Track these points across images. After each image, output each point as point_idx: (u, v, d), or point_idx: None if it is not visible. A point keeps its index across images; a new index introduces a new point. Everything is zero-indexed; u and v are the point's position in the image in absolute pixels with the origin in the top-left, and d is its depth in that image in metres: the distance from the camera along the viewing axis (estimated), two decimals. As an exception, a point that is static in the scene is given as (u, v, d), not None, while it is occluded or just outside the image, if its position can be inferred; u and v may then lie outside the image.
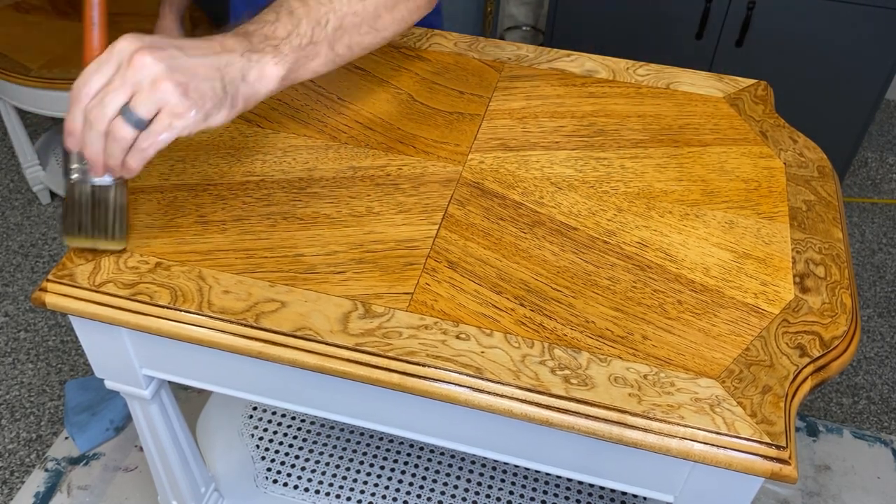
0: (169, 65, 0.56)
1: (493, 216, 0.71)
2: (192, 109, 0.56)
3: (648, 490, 0.64)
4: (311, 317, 0.61)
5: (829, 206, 0.74)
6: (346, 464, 1.07)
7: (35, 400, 1.37)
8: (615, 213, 0.72)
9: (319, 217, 0.70)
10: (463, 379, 0.58)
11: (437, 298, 0.63)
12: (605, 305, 0.64)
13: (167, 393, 0.79)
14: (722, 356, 0.60)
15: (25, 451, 1.28)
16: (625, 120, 0.83)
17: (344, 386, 0.62)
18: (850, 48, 1.54)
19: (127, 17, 1.71)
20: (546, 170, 0.76)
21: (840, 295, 0.66)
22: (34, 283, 1.63)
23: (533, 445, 0.64)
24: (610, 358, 0.60)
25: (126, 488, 1.14)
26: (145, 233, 0.68)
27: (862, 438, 1.29)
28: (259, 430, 1.12)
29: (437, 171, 0.76)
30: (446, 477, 1.06)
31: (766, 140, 0.82)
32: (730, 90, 0.88)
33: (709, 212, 0.73)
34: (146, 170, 0.74)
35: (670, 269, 0.67)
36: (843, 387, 1.52)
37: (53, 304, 0.63)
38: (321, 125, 0.80)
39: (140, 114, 0.56)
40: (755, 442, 0.55)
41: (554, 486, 1.06)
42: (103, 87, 0.56)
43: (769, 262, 0.68)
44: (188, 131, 0.57)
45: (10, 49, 1.57)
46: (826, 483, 1.22)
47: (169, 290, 0.63)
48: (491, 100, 0.85)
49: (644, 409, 0.56)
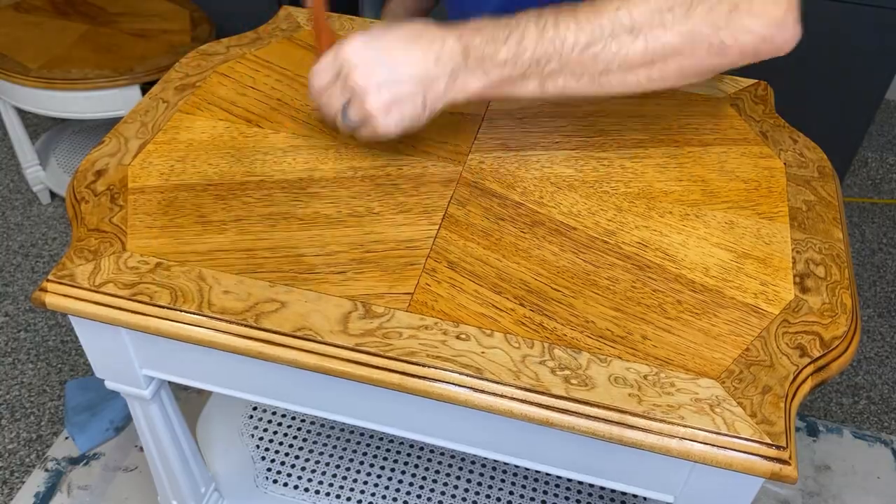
0: (378, 87, 0.65)
1: (492, 216, 0.71)
2: (391, 126, 0.66)
3: (648, 490, 0.64)
4: (311, 317, 0.61)
5: (829, 207, 0.74)
6: (346, 464, 1.07)
7: (35, 400, 1.37)
8: (615, 213, 0.72)
9: (319, 217, 0.70)
10: (463, 379, 0.58)
11: (437, 299, 0.63)
12: (605, 305, 0.64)
13: (167, 393, 0.79)
14: (722, 356, 0.60)
15: (25, 451, 1.28)
16: (625, 120, 0.83)
17: (344, 386, 0.62)
18: (851, 48, 1.54)
19: (127, 16, 1.71)
20: (546, 170, 0.76)
21: (840, 295, 0.66)
22: (34, 283, 1.63)
23: (533, 445, 0.64)
24: (610, 358, 0.60)
25: (126, 488, 1.14)
26: (145, 233, 0.68)
27: (862, 438, 1.29)
28: (259, 430, 1.12)
29: (437, 171, 0.76)
30: (446, 477, 1.06)
31: (766, 140, 0.82)
32: (730, 90, 0.88)
33: (709, 212, 0.73)
34: (146, 170, 0.74)
35: (670, 269, 0.67)
36: (843, 387, 1.52)
37: (53, 305, 0.63)
38: (321, 125, 0.80)
39: (352, 118, 0.68)
40: (755, 442, 0.55)
41: (554, 486, 1.06)
42: (329, 85, 0.68)
43: (769, 262, 0.68)
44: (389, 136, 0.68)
45: (10, 49, 1.57)
46: (826, 483, 1.22)
47: (169, 290, 0.63)
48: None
49: (644, 410, 0.56)
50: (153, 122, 0.80)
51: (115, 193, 0.71)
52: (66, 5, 1.74)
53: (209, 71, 0.87)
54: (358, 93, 0.65)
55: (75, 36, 1.63)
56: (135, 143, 0.77)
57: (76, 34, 1.64)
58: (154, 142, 0.77)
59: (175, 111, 0.81)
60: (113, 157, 0.76)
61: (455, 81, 0.65)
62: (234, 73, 0.87)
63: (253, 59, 0.90)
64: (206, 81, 0.86)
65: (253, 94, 0.84)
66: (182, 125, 0.79)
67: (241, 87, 0.85)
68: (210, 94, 0.84)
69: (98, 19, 1.70)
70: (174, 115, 0.81)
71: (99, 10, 1.73)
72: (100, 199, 0.71)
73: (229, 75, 0.87)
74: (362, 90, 0.65)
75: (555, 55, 0.64)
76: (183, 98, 0.83)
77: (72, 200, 0.71)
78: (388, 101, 0.65)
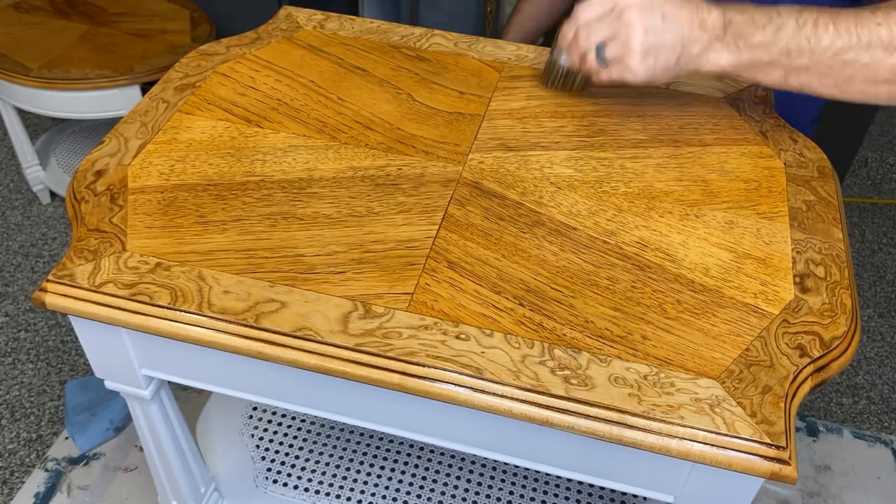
0: (646, 30, 0.68)
1: (492, 216, 0.71)
2: (641, 71, 0.70)
3: (648, 490, 0.64)
4: (311, 317, 0.61)
5: (829, 207, 0.74)
6: (346, 464, 1.07)
7: (35, 400, 1.37)
8: (615, 213, 0.72)
9: (319, 217, 0.70)
10: (463, 379, 0.58)
11: (437, 299, 0.63)
12: (605, 305, 0.64)
13: (167, 393, 0.79)
14: (722, 356, 0.60)
15: (25, 451, 1.28)
16: (625, 120, 0.83)
17: (344, 386, 0.62)
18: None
19: (127, 16, 1.71)
20: (546, 170, 0.76)
21: (840, 295, 0.66)
22: (34, 283, 1.63)
23: (533, 445, 0.64)
24: (610, 358, 0.60)
25: (126, 488, 1.14)
26: (145, 233, 0.68)
27: (862, 438, 1.29)
28: (259, 430, 1.12)
29: (437, 171, 0.76)
30: (446, 477, 1.06)
31: (766, 140, 0.82)
32: (730, 90, 0.88)
33: (709, 212, 0.73)
34: (146, 170, 0.74)
35: (670, 269, 0.67)
36: (843, 387, 1.52)
37: (53, 305, 0.63)
38: (321, 125, 0.80)
39: (607, 56, 0.71)
40: (755, 442, 0.55)
41: (554, 486, 1.06)
42: (595, 20, 0.71)
43: (769, 262, 0.68)
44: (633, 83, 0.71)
45: (10, 49, 1.57)
46: (826, 483, 1.22)
47: (169, 290, 0.63)
48: (491, 100, 0.85)
49: (644, 410, 0.56)
50: (153, 122, 0.80)
51: (115, 193, 0.71)
52: (66, 5, 1.74)
53: (209, 71, 0.87)
54: (625, 31, 0.69)
55: (75, 36, 1.63)
56: (135, 143, 0.77)
57: (76, 34, 1.64)
58: (154, 142, 0.77)
59: (175, 111, 0.81)
60: (113, 157, 0.76)
61: (709, 50, 0.69)
62: (234, 73, 0.87)
63: (253, 59, 0.90)
64: (206, 81, 0.86)
65: (253, 94, 0.84)
66: (182, 125, 0.80)
67: (241, 87, 0.85)
68: (210, 94, 0.84)
69: (98, 19, 1.70)
70: (174, 115, 0.81)
71: (99, 10, 1.73)
72: (100, 199, 0.71)
73: (229, 75, 0.87)
74: (632, 28, 0.68)
75: (806, 52, 0.66)
76: (183, 98, 0.83)
77: (72, 200, 0.71)
78: (650, 46, 0.68)
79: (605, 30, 0.71)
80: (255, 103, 0.83)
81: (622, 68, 0.71)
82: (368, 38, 0.94)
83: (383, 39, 0.94)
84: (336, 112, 0.82)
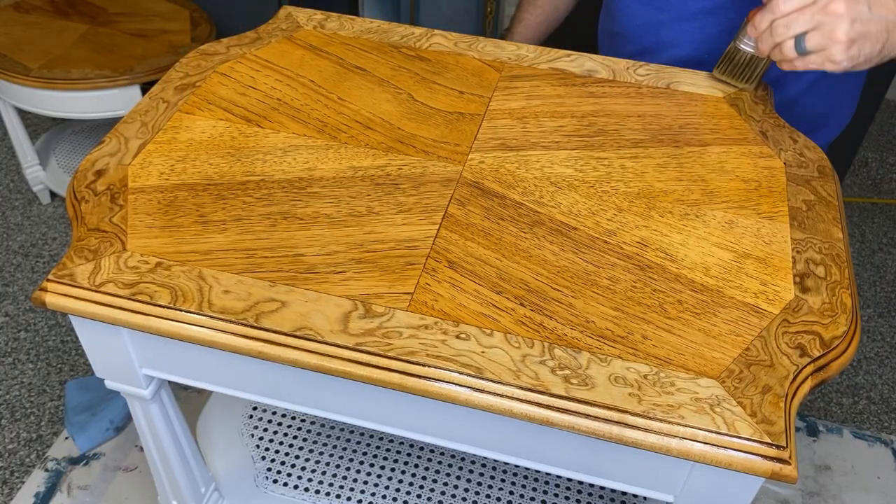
0: (853, 20, 0.68)
1: (493, 216, 0.71)
2: (843, 62, 0.70)
3: (648, 490, 0.64)
4: (312, 317, 0.61)
5: (829, 206, 0.74)
6: (346, 464, 1.07)
7: (35, 400, 1.37)
8: (615, 213, 0.72)
9: (319, 217, 0.70)
10: (463, 379, 0.58)
11: (437, 298, 0.63)
12: (605, 305, 0.64)
13: (167, 393, 0.79)
14: (722, 356, 0.60)
15: (25, 451, 1.28)
16: (625, 120, 0.83)
17: (344, 386, 0.62)
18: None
19: (127, 16, 1.71)
20: (546, 170, 0.76)
21: (840, 295, 0.66)
22: (34, 283, 1.63)
23: (533, 445, 0.64)
24: (610, 358, 0.60)
25: (126, 488, 1.14)
26: (145, 233, 0.68)
27: (862, 438, 1.29)
28: (259, 430, 1.12)
29: (437, 171, 0.76)
30: (446, 477, 1.06)
31: (766, 140, 0.82)
32: (730, 90, 0.88)
33: (709, 212, 0.73)
34: (146, 170, 0.74)
35: (670, 269, 0.67)
36: (843, 387, 1.52)
37: (53, 304, 0.63)
38: (321, 125, 0.80)
39: (808, 47, 0.70)
40: (755, 442, 0.55)
41: (554, 486, 1.06)
42: (796, 11, 0.70)
43: (769, 261, 0.68)
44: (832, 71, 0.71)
45: (10, 49, 1.57)
46: (826, 483, 1.22)
47: (169, 289, 0.63)
48: (491, 100, 0.85)
49: (644, 409, 0.56)
50: (153, 121, 0.80)
51: (115, 193, 0.71)
52: (66, 5, 1.74)
53: (209, 71, 0.87)
54: (831, 20, 0.68)
55: (75, 36, 1.63)
56: (135, 142, 0.77)
57: (76, 34, 1.64)
58: (154, 142, 0.77)
59: (175, 111, 0.81)
60: (113, 156, 0.76)
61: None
62: (234, 73, 0.87)
63: (253, 59, 0.90)
64: (206, 81, 0.86)
65: (253, 94, 0.84)
66: (182, 125, 0.80)
67: (241, 87, 0.85)
68: (210, 94, 0.84)
69: (98, 19, 1.70)
70: (174, 114, 0.81)
71: (99, 10, 1.73)
72: (100, 198, 0.71)
73: (229, 75, 0.87)
74: (839, 18, 0.68)
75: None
76: (183, 98, 0.83)
77: (72, 200, 0.71)
78: (855, 36, 0.68)
79: (808, 20, 0.70)
80: (256, 103, 0.83)
81: (823, 58, 0.71)
82: (368, 37, 0.94)
83: (383, 39, 0.94)
84: (336, 112, 0.82)
